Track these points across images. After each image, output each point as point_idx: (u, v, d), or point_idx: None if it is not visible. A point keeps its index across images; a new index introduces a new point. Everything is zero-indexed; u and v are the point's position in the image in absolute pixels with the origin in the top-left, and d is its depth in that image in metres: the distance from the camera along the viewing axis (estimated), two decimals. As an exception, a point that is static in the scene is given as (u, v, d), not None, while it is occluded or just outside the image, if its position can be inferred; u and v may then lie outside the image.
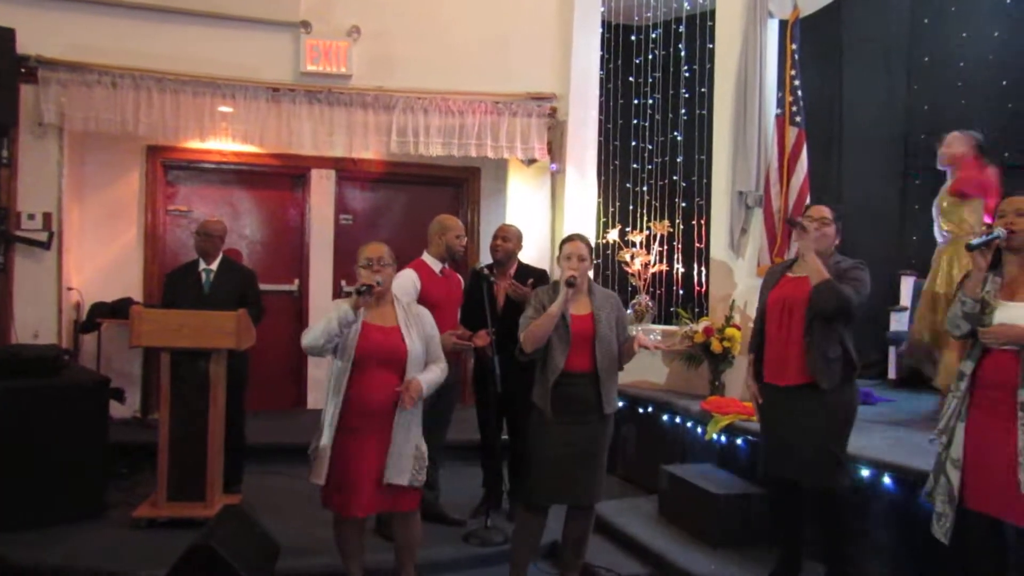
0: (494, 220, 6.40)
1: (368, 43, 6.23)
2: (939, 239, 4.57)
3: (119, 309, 5.73)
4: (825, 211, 3.41)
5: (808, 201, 4.82)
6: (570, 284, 3.39)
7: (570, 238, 3.62)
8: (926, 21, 6.29)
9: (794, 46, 4.99)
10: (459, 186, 7.13)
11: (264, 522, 3.73)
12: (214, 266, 4.75)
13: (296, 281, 6.73)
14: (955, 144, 4.50)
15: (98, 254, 6.12)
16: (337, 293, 6.68)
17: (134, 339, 4.25)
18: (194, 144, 6.15)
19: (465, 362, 5.18)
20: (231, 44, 6.02)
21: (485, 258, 5.95)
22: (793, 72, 4.96)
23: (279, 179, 6.82)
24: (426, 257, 4.45)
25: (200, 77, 5.86)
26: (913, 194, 6.12)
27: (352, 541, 3.48)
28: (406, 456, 3.32)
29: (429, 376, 3.41)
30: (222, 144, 6.16)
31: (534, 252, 5.99)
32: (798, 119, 4.92)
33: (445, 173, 6.92)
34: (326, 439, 3.25)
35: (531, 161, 6.46)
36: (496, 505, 4.62)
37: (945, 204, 4.47)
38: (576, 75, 6.40)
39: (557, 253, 3.68)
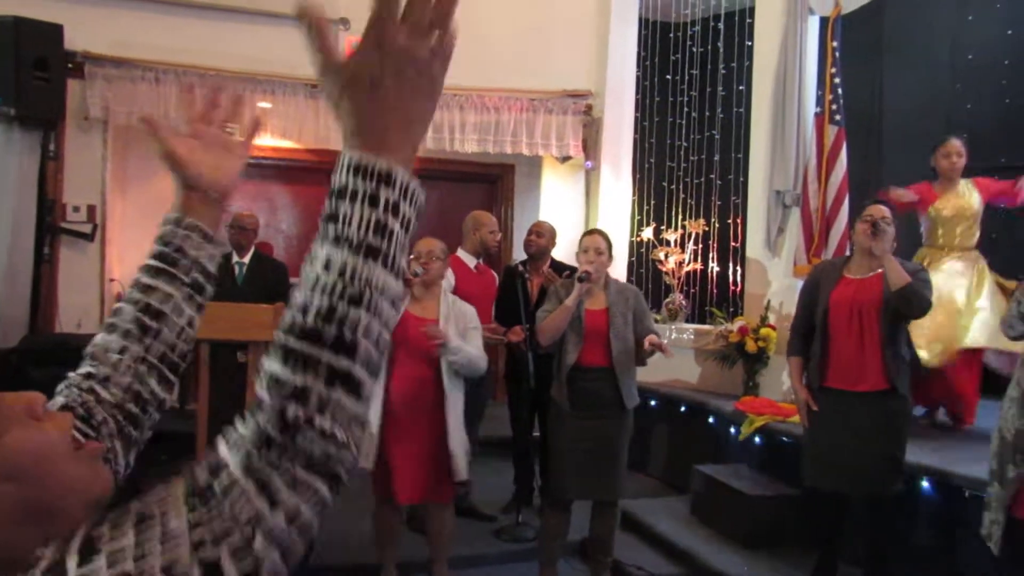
0: (528, 217, 6.40)
1: (405, 40, 6.25)
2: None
3: (159, 300, 5.83)
4: (886, 211, 3.28)
5: (847, 200, 4.76)
6: (582, 279, 3.42)
7: (590, 232, 3.67)
8: (970, 18, 6.16)
9: (835, 43, 4.92)
10: (493, 183, 7.15)
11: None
12: (247, 259, 4.82)
13: (331, 275, 6.78)
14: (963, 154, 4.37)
15: (139, 246, 6.22)
16: (371, 288, 6.73)
17: (174, 330, 4.33)
18: (233, 139, 6.23)
19: (497, 358, 5.20)
20: (271, 40, 6.08)
21: (518, 255, 5.96)
22: (834, 70, 4.89)
23: (315, 174, 6.88)
24: (460, 253, 4.48)
25: (240, 73, 5.94)
26: (955, 195, 5.98)
27: (390, 529, 3.53)
28: (462, 449, 3.41)
29: (468, 347, 3.41)
30: (260, 139, 6.24)
31: (567, 249, 5.97)
32: (838, 117, 4.86)
33: (479, 170, 6.93)
34: (374, 419, 3.31)
35: (565, 158, 6.46)
36: (527, 501, 4.64)
37: (947, 212, 4.33)
38: (612, 72, 6.37)
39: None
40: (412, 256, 3.47)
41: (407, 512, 4.16)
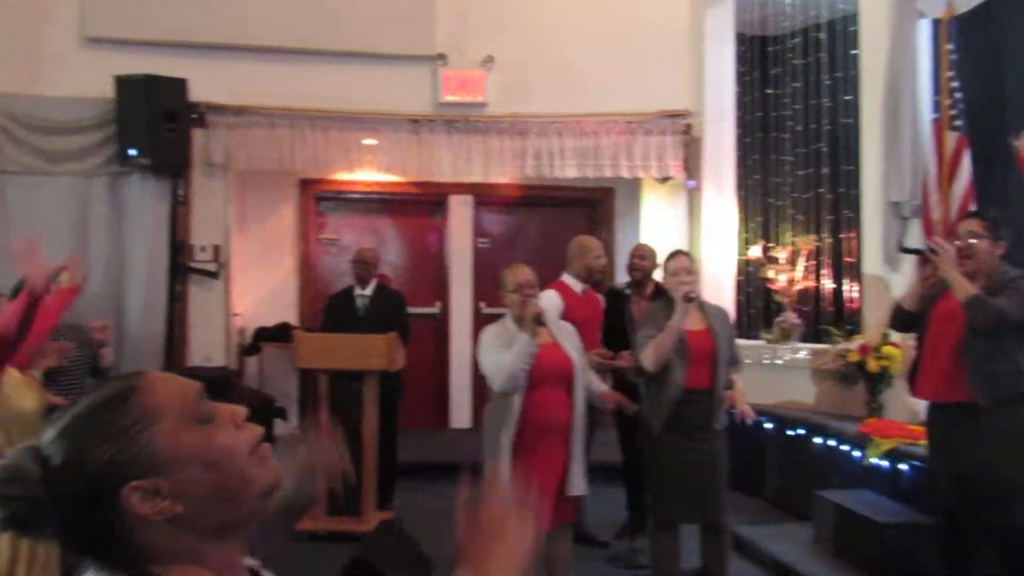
0: (629, 240, 6.38)
1: (502, 71, 6.39)
2: None
3: (278, 333, 6.13)
4: (972, 224, 3.24)
5: (971, 208, 4.52)
6: (689, 299, 3.39)
7: (674, 254, 3.65)
8: (1101, 9, 5.76)
9: (950, 46, 4.71)
10: (593, 207, 7.18)
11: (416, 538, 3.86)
12: (368, 291, 5.02)
13: (437, 304, 6.96)
14: None
15: (259, 282, 6.58)
16: (477, 315, 6.85)
17: (297, 361, 4.55)
18: (342, 176, 6.52)
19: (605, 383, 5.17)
20: (374, 80, 6.34)
21: (620, 278, 5.94)
22: (950, 73, 4.67)
23: (419, 206, 7.10)
24: (566, 278, 4.50)
25: (347, 113, 6.21)
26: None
27: None
28: (581, 467, 3.42)
29: (600, 386, 3.56)
30: (367, 175, 6.50)
31: (672, 271, 5.92)
32: (958, 123, 4.63)
33: (579, 194, 6.98)
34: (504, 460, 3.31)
35: (665, 178, 6.42)
36: (641, 527, 4.57)
37: None
38: (710, 90, 6.31)
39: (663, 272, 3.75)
40: (513, 289, 3.45)
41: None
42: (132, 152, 5.63)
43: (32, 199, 5.72)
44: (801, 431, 5.05)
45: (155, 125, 5.59)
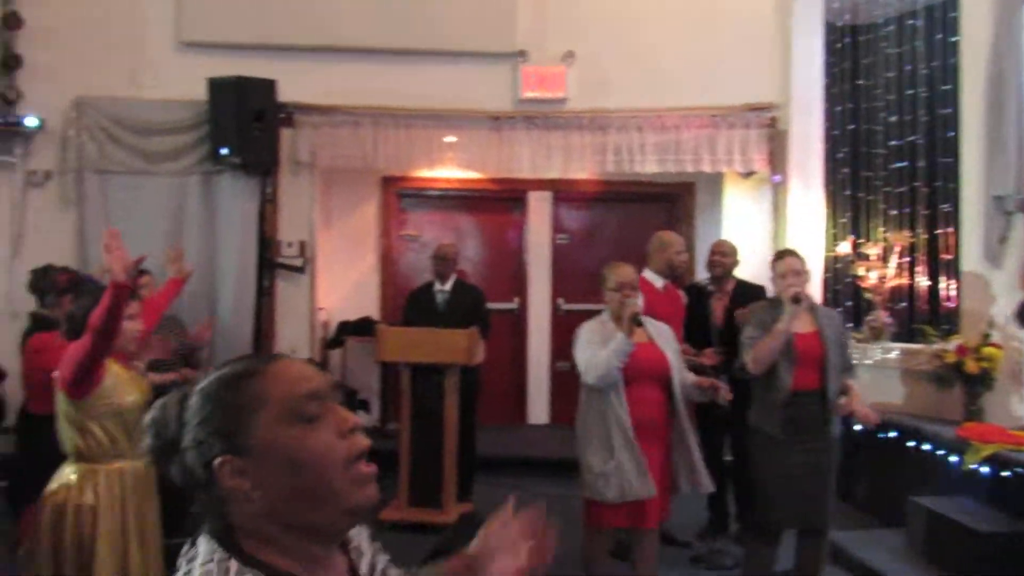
0: (710, 235, 6.25)
1: (582, 67, 6.36)
2: None
3: (361, 327, 6.27)
4: None
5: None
6: (797, 300, 3.30)
7: (781, 255, 3.54)
8: None
9: (1061, 30, 4.44)
10: (673, 202, 7.07)
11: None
12: (448, 286, 5.09)
13: (516, 299, 6.99)
14: None
15: (342, 277, 6.74)
16: (555, 311, 6.85)
17: (380, 354, 4.66)
18: (423, 173, 6.62)
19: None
20: (455, 78, 6.39)
21: (700, 274, 5.84)
22: (1061, 59, 4.41)
23: (499, 203, 7.14)
24: (647, 274, 4.44)
25: (429, 111, 6.29)
26: None
27: (605, 556, 3.54)
28: (699, 461, 3.41)
29: (690, 375, 3.50)
30: (448, 172, 6.57)
31: (754, 268, 5.76)
32: (1068, 111, 4.37)
33: (659, 190, 6.89)
34: (624, 459, 3.24)
35: (749, 173, 6.27)
36: (723, 527, 4.51)
37: None
38: (797, 82, 6.11)
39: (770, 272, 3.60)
40: (614, 287, 3.42)
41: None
42: (224, 151, 5.85)
43: (131, 198, 6.00)
44: (893, 434, 4.86)
45: (245, 125, 5.78)
